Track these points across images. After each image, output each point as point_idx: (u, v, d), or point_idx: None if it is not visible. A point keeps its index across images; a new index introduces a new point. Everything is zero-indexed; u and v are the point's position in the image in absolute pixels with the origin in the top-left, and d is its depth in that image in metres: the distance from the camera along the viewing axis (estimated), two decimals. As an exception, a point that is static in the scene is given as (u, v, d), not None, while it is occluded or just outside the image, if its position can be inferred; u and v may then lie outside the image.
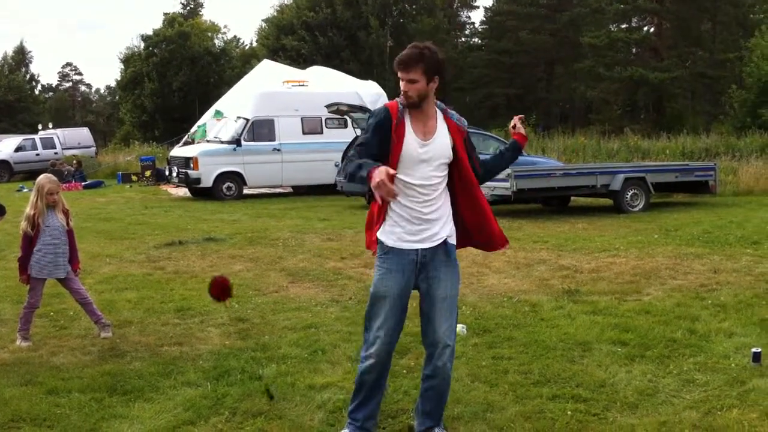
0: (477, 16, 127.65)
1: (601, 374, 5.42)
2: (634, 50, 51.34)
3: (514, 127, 4.49)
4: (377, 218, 4.26)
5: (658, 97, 48.64)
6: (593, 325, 6.70)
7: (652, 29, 51.15)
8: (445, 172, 4.20)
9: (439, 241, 4.22)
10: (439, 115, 4.20)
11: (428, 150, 4.11)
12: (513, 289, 8.38)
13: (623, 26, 50.98)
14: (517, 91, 56.12)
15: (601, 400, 4.94)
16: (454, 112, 4.27)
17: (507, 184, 15.19)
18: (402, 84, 4.04)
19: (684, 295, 7.91)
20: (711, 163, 19.40)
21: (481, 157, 4.48)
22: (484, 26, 62.24)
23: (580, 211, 16.43)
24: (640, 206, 15.93)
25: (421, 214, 4.15)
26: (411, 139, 4.09)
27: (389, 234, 4.20)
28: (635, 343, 6.11)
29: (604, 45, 47.30)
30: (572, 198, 17.72)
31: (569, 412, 4.71)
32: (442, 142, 4.15)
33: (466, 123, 4.29)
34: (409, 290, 4.25)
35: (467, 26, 67.32)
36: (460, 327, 6.63)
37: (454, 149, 4.17)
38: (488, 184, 15.43)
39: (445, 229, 4.24)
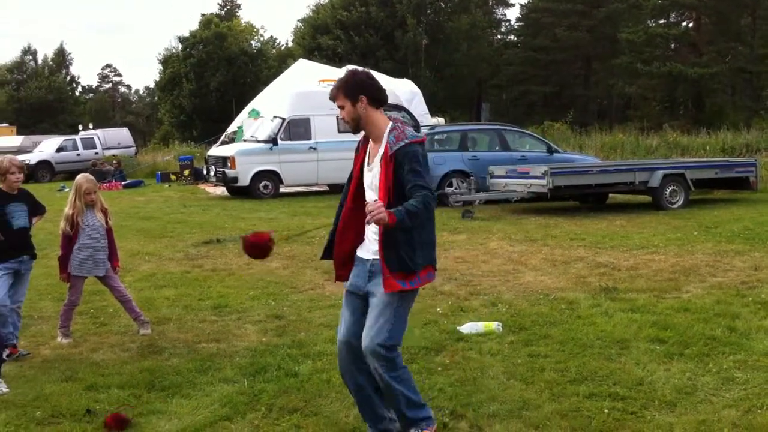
0: (513, 14, 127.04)
1: (638, 372, 5.37)
2: (672, 46, 50.63)
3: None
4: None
5: (698, 93, 47.94)
6: (631, 323, 6.63)
7: (690, 24, 50.39)
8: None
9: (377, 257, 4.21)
10: (384, 140, 4.24)
11: (369, 175, 4.28)
12: (549, 287, 8.33)
13: (661, 21, 50.32)
14: (553, 88, 55.66)
15: (639, 398, 4.89)
16: (396, 132, 4.20)
17: (543, 182, 15.09)
18: (340, 111, 4.31)
19: (724, 292, 7.79)
20: (752, 159, 19.06)
21: (515, 154, 4.46)
22: (520, 23, 61.82)
23: (618, 209, 16.26)
24: (680, 203, 15.72)
25: (372, 231, 4.24)
26: (361, 165, 4.35)
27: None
28: (674, 341, 6.04)
29: (642, 41, 46.71)
30: (610, 195, 17.53)
31: (606, 411, 4.67)
32: (377, 169, 4.22)
33: (403, 142, 4.15)
34: (359, 291, 4.29)
35: (503, 23, 66.98)
36: (495, 324, 6.62)
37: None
38: (524, 180, 15.58)
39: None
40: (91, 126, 43.42)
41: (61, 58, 72.90)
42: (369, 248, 4.27)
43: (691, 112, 48.55)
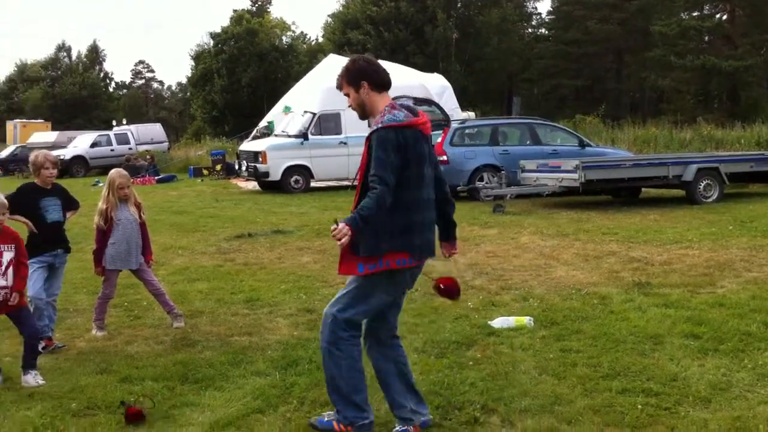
0: (544, 7, 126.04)
1: (672, 368, 5.31)
2: (706, 38, 49.92)
3: None
4: None
5: (732, 86, 47.25)
6: (665, 318, 6.57)
7: (724, 17, 49.65)
8: None
9: None
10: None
11: None
12: (581, 282, 8.27)
13: (695, 14, 49.64)
14: (585, 81, 55.19)
15: (673, 394, 4.84)
16: (385, 112, 4.23)
17: (575, 176, 14.97)
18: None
19: (759, 287, 7.68)
20: (788, 152, 18.76)
21: (547, 148, 4.45)
22: (551, 16, 61.36)
23: (652, 203, 16.11)
24: (714, 197, 15.52)
25: None
26: None
27: None
28: (708, 337, 5.97)
29: (676, 33, 46.11)
30: (643, 189, 17.36)
31: (640, 406, 4.63)
32: None
33: (377, 126, 4.17)
34: None
35: (534, 17, 66.52)
36: (527, 319, 6.59)
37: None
38: (556, 175, 15.48)
39: None
40: (124, 122, 43.92)
41: (95, 54, 73.80)
42: None
43: (725, 105, 47.88)
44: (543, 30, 64.01)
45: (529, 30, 65.59)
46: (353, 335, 4.31)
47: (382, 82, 4.36)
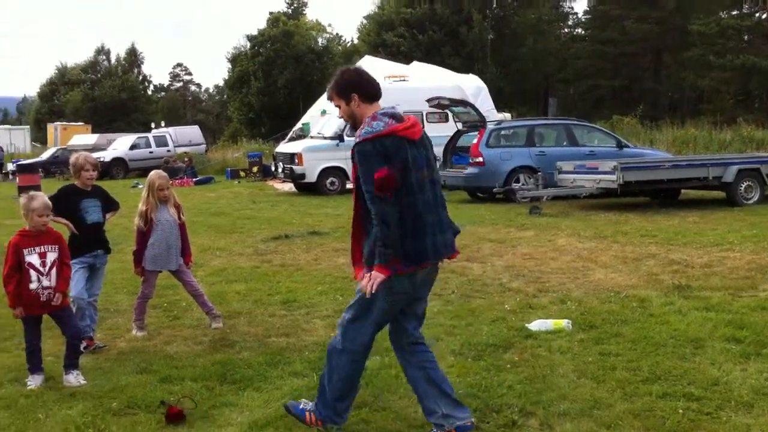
0: (580, 7, 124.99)
1: (714, 372, 5.24)
2: (745, 37, 49.18)
3: None
4: None
5: (773, 86, 46.47)
6: (706, 322, 6.48)
7: (764, 16, 48.88)
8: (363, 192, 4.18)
9: None
10: None
11: None
12: (620, 284, 8.19)
13: (734, 13, 48.92)
14: (622, 81, 54.61)
15: (715, 398, 4.77)
16: (365, 123, 4.23)
17: (613, 177, 14.83)
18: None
19: (803, 291, 7.55)
20: (832, 153, 18.41)
21: (584, 149, 4.39)
22: (588, 16, 60.86)
23: (691, 204, 15.90)
24: (755, 198, 15.28)
25: None
26: None
27: None
28: (751, 341, 5.88)
29: (715, 32, 45.49)
30: (682, 191, 17.14)
31: (681, 411, 4.58)
32: None
33: (359, 138, 4.18)
34: None
35: (570, 17, 66.03)
36: (565, 322, 6.54)
37: None
38: (593, 176, 15.34)
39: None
40: (163, 124, 44.45)
41: (133, 57, 74.69)
42: None
43: (766, 105, 47.12)
44: (579, 30, 63.50)
45: (566, 30, 65.11)
46: (356, 351, 4.38)
47: (372, 94, 4.34)
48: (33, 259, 5.45)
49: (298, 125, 28.97)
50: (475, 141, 17.91)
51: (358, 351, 4.39)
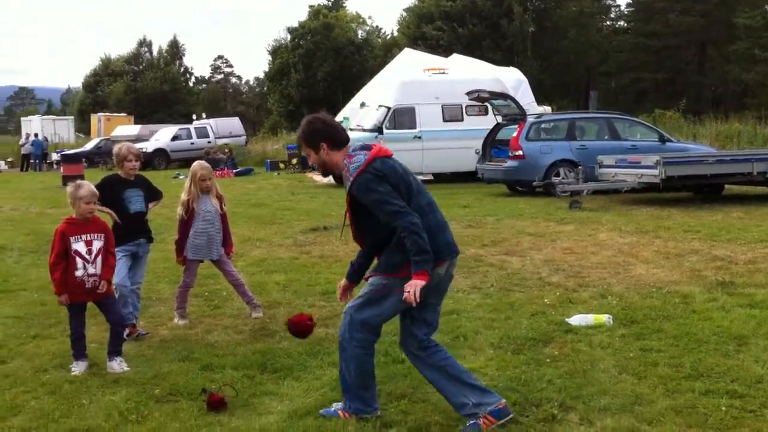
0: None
1: (758, 370, 5.16)
2: (793, 30, 48.18)
3: None
4: None
5: (821, 79, 45.54)
6: (749, 319, 6.38)
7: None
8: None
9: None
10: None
11: None
12: (662, 280, 8.09)
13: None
14: (665, 75, 53.89)
15: (759, 396, 4.70)
16: (346, 166, 4.39)
17: (655, 172, 14.64)
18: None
19: None
20: None
21: (626, 143, 4.37)
22: (631, 8, 60.11)
23: (735, 200, 15.63)
24: (802, 195, 14.98)
25: None
26: None
27: None
28: (796, 339, 5.78)
29: (760, 26, 44.68)
30: (726, 186, 16.87)
31: (723, 408, 4.51)
32: None
33: (350, 180, 4.36)
34: None
35: (612, 9, 65.27)
36: (605, 317, 6.49)
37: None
38: (635, 170, 15.16)
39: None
40: (204, 115, 44.84)
41: (175, 49, 75.30)
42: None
43: (813, 100, 46.13)
44: (622, 22, 62.78)
45: (608, 23, 64.39)
46: (366, 339, 4.47)
47: (340, 141, 4.48)
48: (79, 246, 5.54)
49: (337, 118, 29.04)
50: (514, 134, 17.80)
51: (366, 339, 4.47)
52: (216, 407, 4.74)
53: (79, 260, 5.53)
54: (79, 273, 5.53)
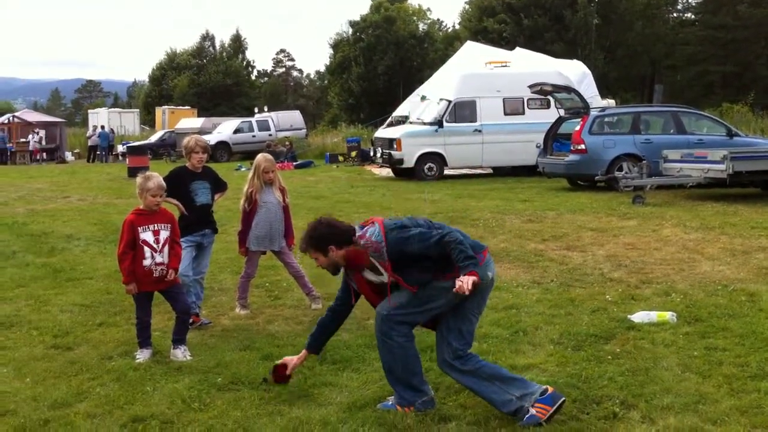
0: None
1: (828, 371, 5.02)
2: None
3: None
4: None
5: None
6: (820, 319, 6.20)
7: None
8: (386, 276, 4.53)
9: None
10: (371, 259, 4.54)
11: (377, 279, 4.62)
12: (728, 277, 7.91)
13: None
14: (734, 68, 52.49)
15: (829, 398, 4.57)
16: (369, 247, 4.48)
17: (722, 167, 14.29)
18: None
19: None
20: None
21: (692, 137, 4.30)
22: (698, 0, 58.70)
23: (805, 197, 15.18)
24: None
25: None
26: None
27: None
28: None
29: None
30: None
31: (791, 410, 4.40)
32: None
33: (379, 246, 4.45)
34: None
35: (679, 1, 63.82)
36: (669, 314, 6.38)
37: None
38: (701, 166, 14.81)
39: None
40: (266, 109, 45.26)
41: (238, 43, 76.14)
42: None
43: None
44: (689, 14, 61.31)
45: (674, 15, 62.98)
46: (404, 330, 4.57)
47: (346, 239, 4.59)
48: (147, 236, 5.66)
49: (398, 111, 29.06)
50: (577, 128, 17.57)
51: (404, 330, 4.57)
52: (281, 380, 4.94)
53: (147, 249, 5.65)
54: (147, 262, 5.65)
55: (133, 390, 5.06)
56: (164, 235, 5.72)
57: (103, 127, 42.75)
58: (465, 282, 4.20)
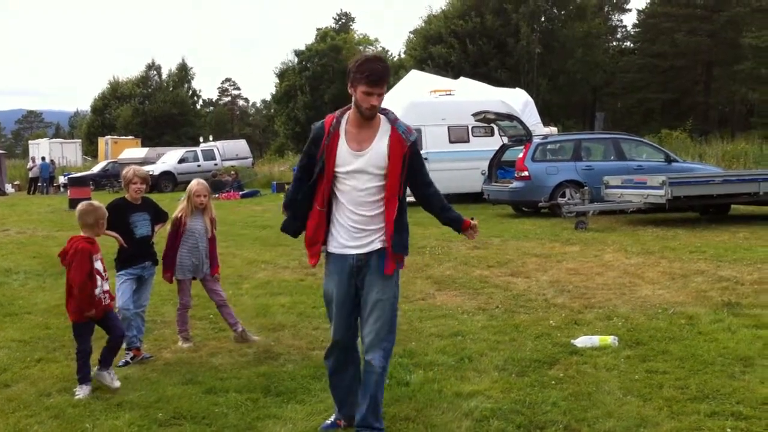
0: (629, 20, 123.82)
1: (764, 391, 5.12)
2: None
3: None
4: (317, 233, 4.51)
5: (828, 99, 45.55)
6: (756, 340, 6.34)
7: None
8: (383, 182, 4.30)
9: (372, 249, 4.38)
10: (384, 126, 4.33)
11: (361, 160, 4.27)
12: (668, 301, 8.06)
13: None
14: (672, 95, 54.01)
15: (764, 418, 4.67)
16: (402, 123, 4.34)
17: (661, 192, 14.63)
18: (373, 98, 4.23)
19: None
20: None
21: (632, 164, 4.44)
22: (637, 29, 60.33)
23: (741, 220, 15.59)
24: (809, 215, 14.93)
25: (355, 222, 4.35)
26: (343, 150, 4.28)
27: (330, 241, 4.47)
28: (803, 360, 5.74)
29: (767, 46, 44.75)
30: (732, 206, 16.83)
31: (729, 430, 4.49)
32: (377, 152, 4.27)
33: (413, 136, 4.33)
34: (352, 293, 4.48)
35: (619, 30, 65.48)
36: (611, 338, 6.46)
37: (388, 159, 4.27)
38: (641, 191, 15.13)
39: (379, 238, 4.39)
40: (211, 138, 45.02)
41: (183, 72, 75.70)
42: (346, 244, 4.44)
43: (820, 119, 46.14)
44: (628, 43, 62.96)
45: (614, 43, 64.58)
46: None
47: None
48: (98, 265, 5.65)
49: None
50: (520, 155, 17.82)
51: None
52: None
53: (98, 278, 5.61)
54: (98, 291, 5.61)
55: (72, 427, 4.93)
56: (101, 263, 5.70)
57: (43, 158, 42.02)
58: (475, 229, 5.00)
